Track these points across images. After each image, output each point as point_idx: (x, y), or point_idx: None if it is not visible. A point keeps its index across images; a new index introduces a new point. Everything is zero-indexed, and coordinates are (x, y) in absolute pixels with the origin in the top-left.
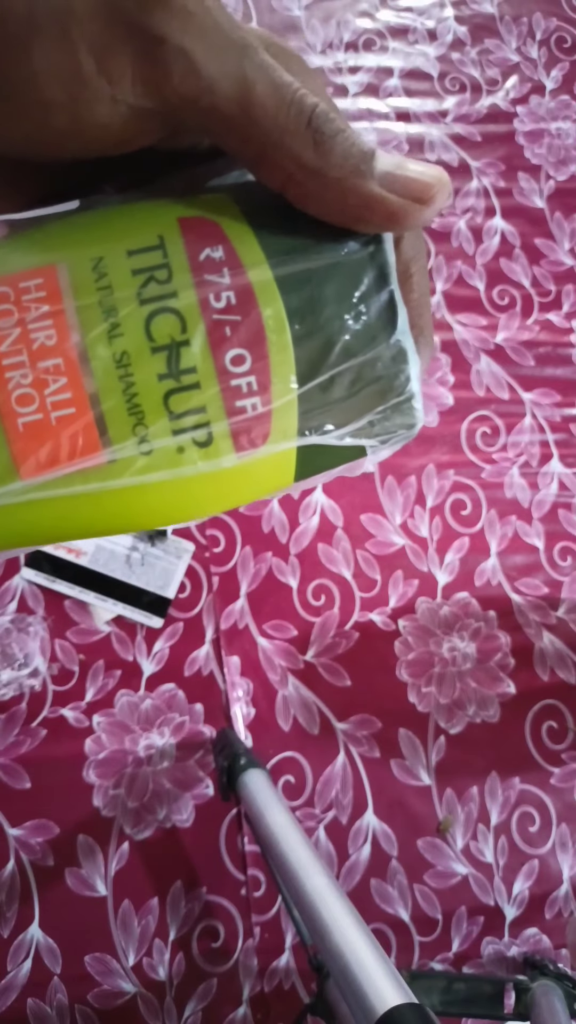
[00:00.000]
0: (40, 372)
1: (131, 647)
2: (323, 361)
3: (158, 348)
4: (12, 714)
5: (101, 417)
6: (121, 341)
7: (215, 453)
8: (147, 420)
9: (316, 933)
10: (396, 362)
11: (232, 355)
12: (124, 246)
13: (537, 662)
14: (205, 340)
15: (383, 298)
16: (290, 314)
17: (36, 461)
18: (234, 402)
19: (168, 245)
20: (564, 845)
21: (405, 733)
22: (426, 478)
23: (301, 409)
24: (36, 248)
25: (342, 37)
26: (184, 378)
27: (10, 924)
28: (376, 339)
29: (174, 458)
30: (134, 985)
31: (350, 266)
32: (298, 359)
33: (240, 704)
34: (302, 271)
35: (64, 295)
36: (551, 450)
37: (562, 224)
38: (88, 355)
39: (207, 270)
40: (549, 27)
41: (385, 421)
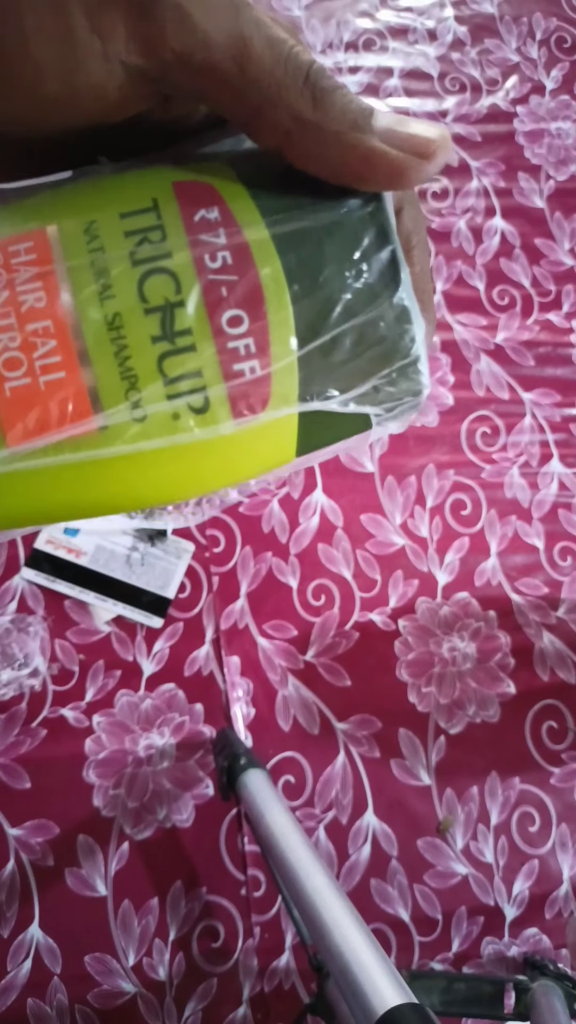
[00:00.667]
0: (29, 335)
1: (131, 647)
2: (324, 321)
3: (152, 309)
4: (12, 714)
5: (92, 381)
6: (113, 302)
7: (212, 419)
8: (140, 384)
9: (316, 933)
10: (400, 322)
11: (229, 316)
12: (117, 209)
13: (537, 662)
14: (201, 300)
15: (384, 256)
16: (288, 273)
17: (24, 427)
18: (231, 365)
19: (162, 207)
20: (564, 845)
21: (405, 733)
22: (426, 478)
23: (302, 373)
24: (27, 214)
25: (342, 37)
26: (179, 340)
27: (10, 924)
28: (378, 298)
29: (169, 424)
30: (134, 985)
31: (350, 224)
32: (297, 319)
33: (240, 704)
34: (300, 229)
35: (55, 256)
36: (551, 450)
37: (562, 224)
38: (79, 316)
39: (202, 230)
40: (549, 27)
41: (390, 387)
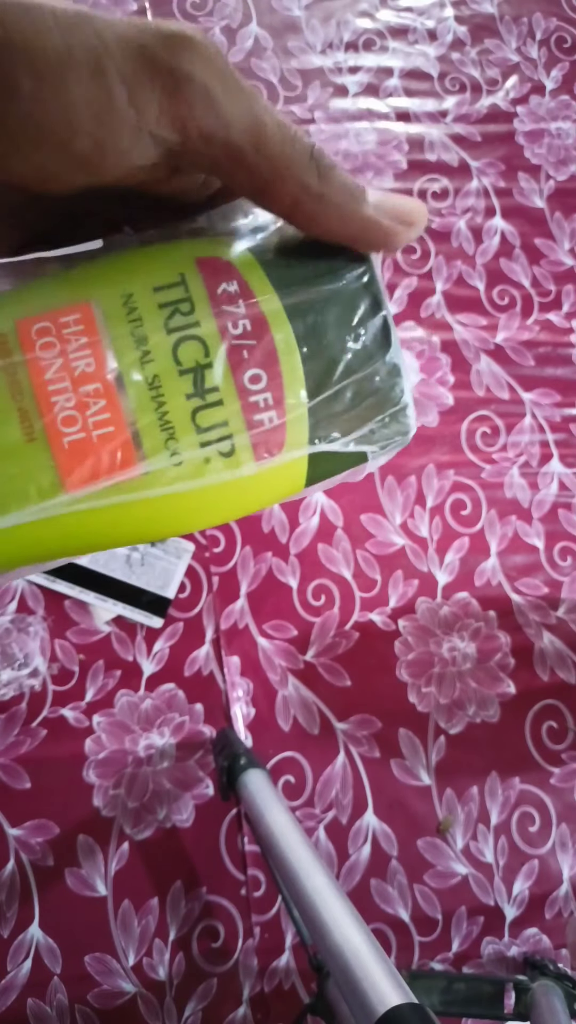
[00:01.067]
0: (81, 396)
1: (131, 647)
2: (329, 378)
3: (185, 371)
4: (12, 714)
5: (137, 433)
6: (152, 366)
7: (237, 462)
8: (177, 434)
9: (316, 933)
10: (391, 376)
11: (250, 375)
12: (150, 283)
13: (537, 662)
14: (226, 362)
15: (377, 322)
16: (298, 338)
17: (80, 475)
18: (253, 416)
19: (189, 281)
20: (564, 845)
21: (405, 733)
22: (426, 478)
23: (311, 421)
24: (71, 286)
25: (342, 37)
26: (208, 396)
27: (10, 924)
28: (373, 357)
29: (201, 468)
30: (134, 985)
31: (348, 295)
32: (307, 377)
33: (240, 704)
34: (306, 300)
35: (99, 327)
36: (551, 450)
37: (562, 224)
38: (123, 379)
39: (224, 302)
40: (549, 27)
41: (383, 429)
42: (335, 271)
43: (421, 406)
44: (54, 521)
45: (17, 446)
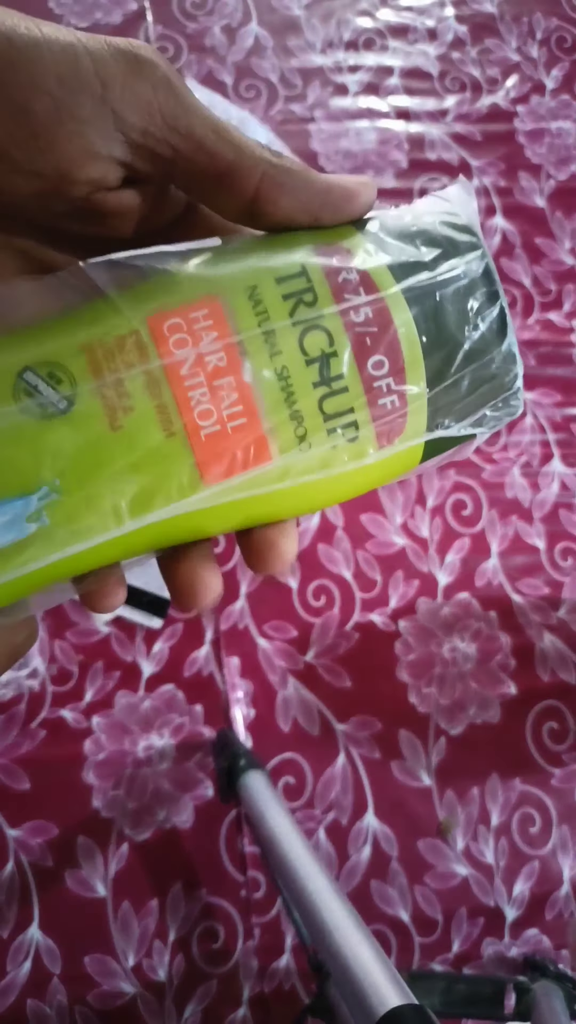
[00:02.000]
0: (215, 390)
1: (130, 648)
2: (448, 367)
3: (311, 360)
4: (11, 715)
5: (269, 425)
6: (280, 357)
7: (362, 452)
8: (307, 423)
9: (316, 934)
10: (507, 363)
11: (373, 362)
12: (273, 274)
13: (538, 663)
14: (350, 350)
15: (495, 311)
16: (419, 327)
17: (217, 470)
18: (376, 402)
19: (310, 271)
20: (565, 846)
21: (405, 734)
22: (426, 478)
23: (430, 409)
24: (197, 281)
25: (342, 36)
26: (335, 384)
27: (10, 925)
28: (490, 346)
29: (329, 458)
30: (134, 986)
31: (465, 283)
32: (427, 365)
33: (240, 705)
34: (426, 289)
35: (228, 322)
36: (552, 450)
37: (563, 223)
38: (254, 372)
39: (345, 290)
40: (549, 27)
41: (496, 412)
42: (451, 259)
43: None
44: (188, 515)
45: (158, 443)
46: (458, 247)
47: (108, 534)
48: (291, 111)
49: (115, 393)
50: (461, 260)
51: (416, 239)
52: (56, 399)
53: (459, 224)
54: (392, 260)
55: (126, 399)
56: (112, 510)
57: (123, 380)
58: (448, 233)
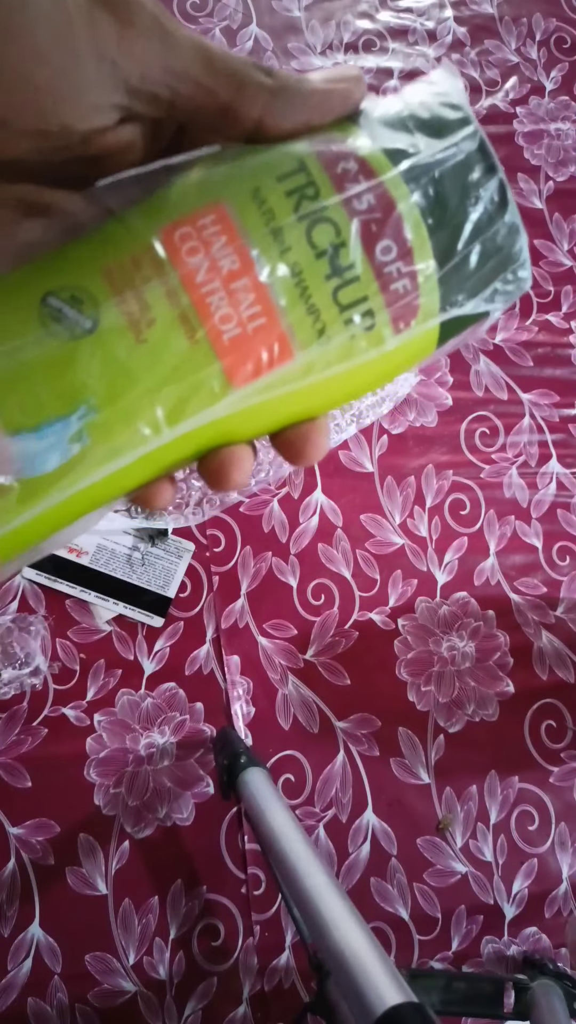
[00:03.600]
0: (232, 293)
1: (132, 646)
2: (455, 244)
3: (321, 253)
4: (13, 713)
5: (288, 322)
6: (291, 254)
7: (380, 338)
8: (324, 317)
9: (316, 932)
10: (511, 235)
11: (381, 247)
12: (273, 174)
13: (536, 661)
14: (358, 238)
15: (494, 184)
16: (422, 208)
17: (244, 373)
18: (389, 287)
19: (309, 166)
20: (563, 844)
21: (404, 732)
22: (425, 478)
23: (441, 289)
24: (201, 189)
25: (342, 38)
26: (346, 274)
27: (10, 923)
28: (493, 219)
29: (349, 348)
30: (134, 984)
31: (462, 161)
32: (434, 245)
33: (240, 703)
34: (424, 170)
35: (236, 225)
36: (550, 450)
37: (561, 225)
38: (267, 272)
39: (345, 180)
40: (549, 28)
41: (505, 286)
42: (445, 138)
43: (420, 407)
44: (222, 420)
45: (184, 351)
46: (450, 125)
47: (148, 446)
48: None
49: (137, 307)
50: (455, 137)
51: (408, 123)
52: (81, 320)
53: (449, 103)
54: (388, 145)
55: (148, 312)
56: (149, 422)
57: (143, 294)
58: (439, 113)
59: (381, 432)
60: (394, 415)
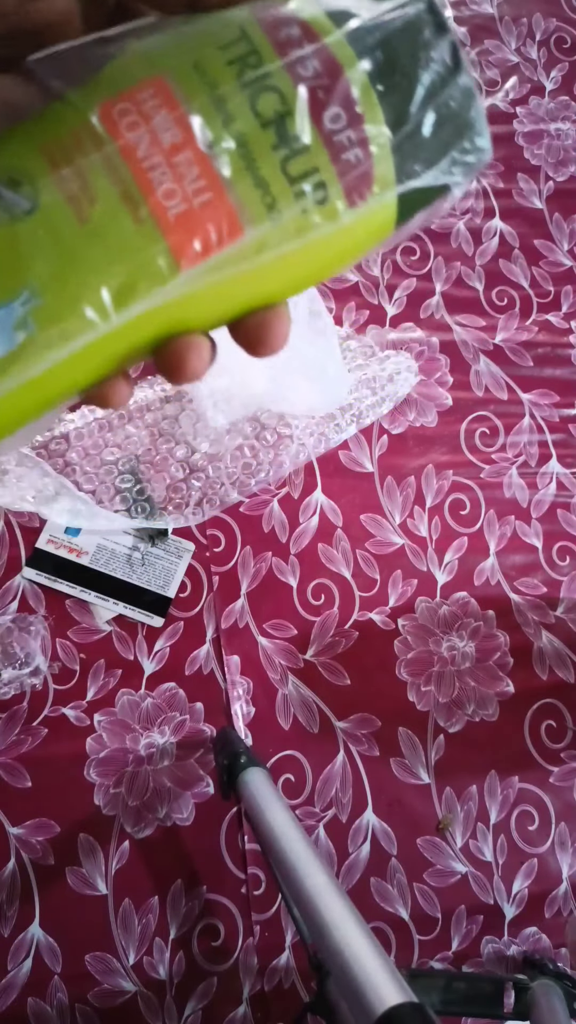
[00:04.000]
0: (176, 167)
1: (132, 646)
2: (406, 109)
3: (267, 122)
4: (13, 713)
5: (236, 197)
6: (235, 125)
7: (333, 211)
8: (273, 189)
9: (316, 932)
10: (466, 99)
11: (330, 115)
12: (214, 43)
13: (536, 661)
14: (304, 106)
15: (445, 45)
16: (370, 72)
17: (192, 252)
18: (340, 156)
19: (250, 33)
20: (563, 844)
21: (404, 732)
22: (425, 478)
23: (396, 157)
24: (140, 63)
25: None
26: (294, 143)
27: (10, 923)
28: (446, 82)
29: (301, 223)
30: (134, 984)
31: (410, 21)
32: (385, 110)
33: (240, 703)
34: (371, 33)
35: (177, 97)
36: (550, 450)
37: (561, 225)
38: (211, 143)
39: (289, 46)
40: (549, 28)
41: (464, 155)
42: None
43: (420, 407)
44: (174, 304)
45: (128, 230)
46: None
47: (96, 331)
48: None
49: (77, 186)
50: None
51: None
52: (19, 201)
53: None
54: (332, 7)
55: (89, 190)
56: (96, 306)
57: (83, 172)
58: None
59: (381, 432)
60: (394, 415)
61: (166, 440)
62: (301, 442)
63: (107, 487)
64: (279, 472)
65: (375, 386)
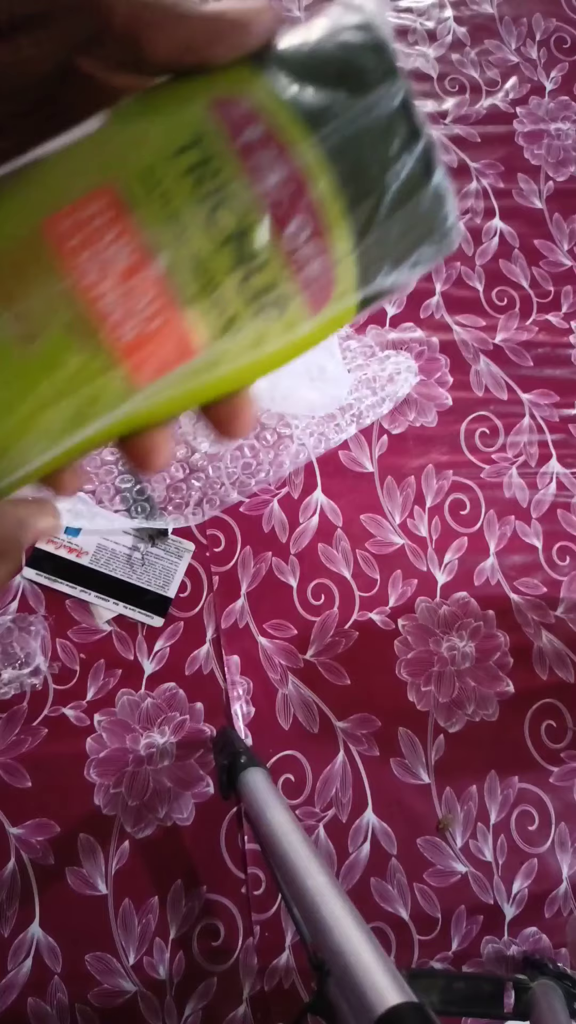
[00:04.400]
0: (128, 291)
1: (132, 646)
2: (373, 219)
3: (226, 239)
4: (13, 713)
5: (193, 317)
6: (191, 244)
7: (292, 323)
8: (232, 308)
9: (316, 932)
10: (436, 204)
11: (293, 227)
12: (168, 146)
13: (536, 661)
14: (265, 220)
15: (418, 150)
16: (339, 180)
17: (146, 372)
18: (301, 273)
19: (209, 136)
20: (563, 844)
21: (404, 732)
22: (425, 478)
23: (359, 266)
24: (88, 169)
25: None
26: (255, 260)
27: (11, 923)
28: (417, 189)
29: (261, 336)
30: (134, 984)
31: (384, 123)
32: (352, 220)
33: (240, 703)
34: (341, 135)
35: (128, 212)
36: (550, 450)
37: (561, 225)
38: (165, 263)
39: (251, 151)
40: (549, 28)
41: (430, 253)
42: (365, 95)
43: (420, 407)
44: (131, 415)
45: (78, 361)
46: (373, 77)
47: (47, 454)
48: None
49: (22, 315)
50: (377, 93)
51: (323, 72)
52: None
53: (371, 44)
54: (299, 104)
55: (34, 321)
56: (46, 434)
57: (28, 300)
58: (362, 60)
59: (381, 432)
60: (394, 415)
61: None
62: (301, 442)
63: (107, 487)
64: (279, 472)
65: (375, 386)
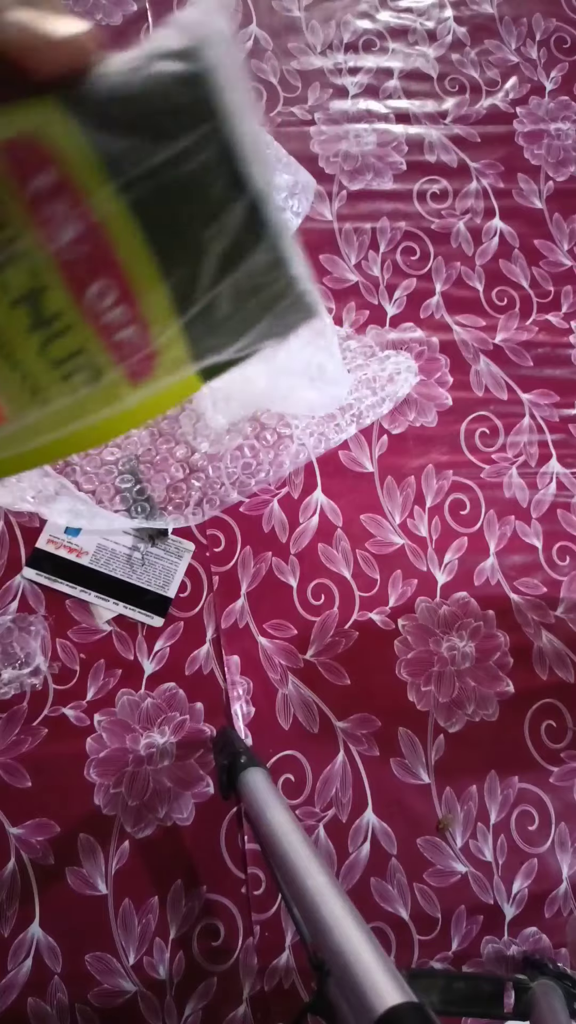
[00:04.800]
0: None
1: (132, 646)
2: (194, 284)
3: (17, 301)
4: (13, 713)
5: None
6: None
7: (114, 394)
8: (34, 376)
9: (316, 931)
10: (272, 269)
11: (95, 289)
12: None
13: (536, 661)
14: (61, 280)
15: (241, 206)
16: (145, 236)
17: None
18: (111, 337)
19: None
20: (563, 844)
21: (404, 732)
22: (425, 478)
23: (189, 337)
24: None
25: (342, 38)
26: (54, 324)
27: (10, 923)
28: (245, 250)
29: (77, 407)
30: (134, 984)
31: (201, 170)
32: (168, 286)
33: (240, 703)
34: (150, 188)
35: None
36: (550, 450)
37: (561, 225)
38: None
39: (42, 202)
40: (549, 28)
41: (280, 321)
42: (175, 139)
43: (420, 407)
44: None
45: None
46: (183, 117)
47: None
48: (291, 113)
49: None
50: (190, 136)
51: (128, 110)
52: None
53: (188, 77)
54: (100, 148)
55: None
56: None
57: None
58: (172, 97)
59: (381, 432)
60: (394, 415)
61: (166, 440)
62: (301, 442)
63: (107, 487)
64: (279, 472)
65: (375, 386)
